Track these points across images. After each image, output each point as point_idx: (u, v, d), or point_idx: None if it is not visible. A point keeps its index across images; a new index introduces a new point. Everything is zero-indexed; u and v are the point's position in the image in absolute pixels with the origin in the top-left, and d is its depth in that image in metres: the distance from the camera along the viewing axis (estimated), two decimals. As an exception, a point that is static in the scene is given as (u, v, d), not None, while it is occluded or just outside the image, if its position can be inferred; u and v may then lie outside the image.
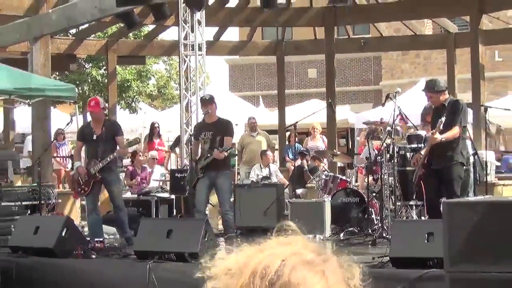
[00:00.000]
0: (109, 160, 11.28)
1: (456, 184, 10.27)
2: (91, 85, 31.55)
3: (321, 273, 1.51)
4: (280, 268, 1.48)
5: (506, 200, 7.81)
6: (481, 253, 6.36)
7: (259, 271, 1.49)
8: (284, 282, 1.46)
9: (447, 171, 10.30)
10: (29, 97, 13.45)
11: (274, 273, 1.48)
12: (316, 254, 1.55)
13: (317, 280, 1.49)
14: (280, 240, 1.58)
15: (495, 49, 30.69)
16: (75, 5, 14.17)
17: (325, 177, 13.89)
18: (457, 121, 10.25)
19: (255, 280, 1.48)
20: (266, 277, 1.47)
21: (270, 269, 1.48)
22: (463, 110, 10.43)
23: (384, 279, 8.22)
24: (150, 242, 9.47)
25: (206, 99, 11.97)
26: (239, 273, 1.51)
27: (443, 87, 10.66)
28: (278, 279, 1.46)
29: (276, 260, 1.50)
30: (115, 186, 11.61)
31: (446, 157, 10.26)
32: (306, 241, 1.59)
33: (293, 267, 1.49)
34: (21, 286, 9.51)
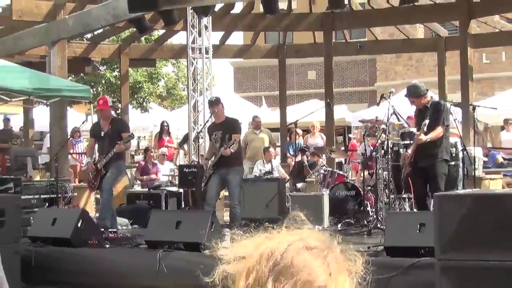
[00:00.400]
0: (110, 156, 11.31)
1: (440, 180, 10.30)
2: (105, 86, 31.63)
3: (323, 258, 1.51)
4: (285, 252, 1.49)
5: (493, 193, 7.80)
6: (470, 242, 6.36)
7: (265, 254, 1.50)
8: (287, 264, 1.47)
9: (432, 169, 10.35)
10: (47, 98, 13.46)
11: (278, 256, 1.48)
12: (321, 242, 1.55)
13: (318, 265, 1.49)
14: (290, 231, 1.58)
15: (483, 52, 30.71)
16: (90, 11, 14.18)
17: (324, 172, 13.89)
18: (440, 121, 10.30)
19: (261, 262, 1.49)
20: (271, 259, 1.48)
21: (275, 253, 1.49)
22: (445, 110, 10.48)
23: (379, 267, 8.21)
24: (160, 233, 9.47)
25: (212, 100, 12.05)
26: (248, 257, 1.52)
27: (424, 91, 10.71)
28: (281, 261, 1.47)
29: (282, 245, 1.51)
30: (110, 171, 11.52)
31: (431, 155, 10.32)
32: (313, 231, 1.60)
33: (296, 251, 1.49)
34: (39, 274, 9.53)
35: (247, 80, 40.90)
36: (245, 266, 1.51)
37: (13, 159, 13.94)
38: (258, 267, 1.48)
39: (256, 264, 1.49)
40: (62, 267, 9.56)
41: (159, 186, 15.21)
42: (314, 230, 1.61)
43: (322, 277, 1.48)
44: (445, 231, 6.54)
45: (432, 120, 10.22)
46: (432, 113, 10.34)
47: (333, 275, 1.50)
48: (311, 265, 1.48)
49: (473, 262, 6.34)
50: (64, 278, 9.43)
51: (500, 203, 6.44)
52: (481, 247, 6.31)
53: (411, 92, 10.78)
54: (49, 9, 14.66)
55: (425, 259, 7.70)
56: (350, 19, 19.14)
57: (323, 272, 1.49)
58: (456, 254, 6.45)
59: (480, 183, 13.04)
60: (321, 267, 1.50)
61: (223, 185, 11.74)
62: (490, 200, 6.64)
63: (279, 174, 15.50)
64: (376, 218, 11.32)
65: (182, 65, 33.23)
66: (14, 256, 9.17)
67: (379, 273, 7.99)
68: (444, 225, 6.56)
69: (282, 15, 19.11)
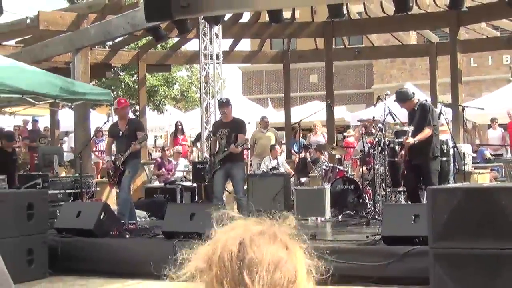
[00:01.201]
0: (127, 154, 11.31)
1: (433, 176, 10.28)
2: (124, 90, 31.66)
3: (274, 237, 1.49)
4: (241, 246, 1.45)
5: (481, 186, 7.79)
6: (460, 231, 6.35)
7: (225, 256, 1.45)
8: (250, 256, 1.44)
9: (425, 165, 10.35)
10: (71, 101, 13.47)
11: (238, 251, 1.45)
12: (262, 225, 1.53)
13: (275, 245, 1.47)
14: (225, 228, 1.55)
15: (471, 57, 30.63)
16: (111, 21, 14.18)
17: (325, 168, 13.88)
18: (427, 122, 10.30)
19: (225, 265, 1.44)
20: (233, 258, 1.44)
21: (233, 252, 1.44)
22: (431, 111, 10.47)
23: (377, 254, 8.21)
24: (176, 224, 9.47)
25: (223, 101, 11.98)
26: (208, 266, 1.48)
27: (410, 96, 10.77)
28: (244, 255, 1.44)
29: (235, 241, 1.47)
30: (127, 170, 11.50)
31: (423, 154, 10.31)
32: (244, 220, 1.57)
33: (251, 240, 1.46)
34: (65, 262, 9.53)
35: (255, 84, 40.86)
36: (212, 277, 1.46)
37: (41, 157, 13.96)
38: (226, 270, 1.43)
39: (222, 269, 1.44)
40: (86, 256, 9.57)
41: (175, 181, 15.23)
42: (243, 219, 1.58)
43: (284, 252, 1.47)
44: (437, 222, 6.54)
45: (420, 122, 10.33)
46: (419, 115, 10.40)
47: (289, 247, 1.49)
48: (270, 246, 1.46)
49: (463, 250, 6.34)
50: (88, 266, 9.44)
51: (488, 196, 6.43)
52: (471, 236, 6.30)
53: (399, 97, 10.85)
54: (73, 19, 14.69)
55: (419, 247, 7.69)
56: (349, 27, 19.13)
57: (282, 249, 1.47)
58: (447, 242, 6.45)
59: (469, 178, 13.03)
60: (277, 245, 1.47)
61: (227, 179, 11.68)
62: (478, 193, 6.63)
63: (284, 169, 15.48)
64: (374, 210, 11.31)
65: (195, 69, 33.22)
66: (42, 246, 9.20)
67: (377, 260, 8.00)
68: (436, 216, 6.55)
69: (286, 24, 19.08)
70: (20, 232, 8.84)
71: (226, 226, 1.56)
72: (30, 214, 9.04)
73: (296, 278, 1.46)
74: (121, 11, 14.80)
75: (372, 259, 8.08)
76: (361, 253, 8.32)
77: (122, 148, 11.55)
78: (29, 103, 12.99)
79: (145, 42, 21.81)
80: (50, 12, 15.25)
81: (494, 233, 6.21)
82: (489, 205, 6.30)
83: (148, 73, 23.67)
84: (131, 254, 9.37)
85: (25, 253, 8.89)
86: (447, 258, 6.43)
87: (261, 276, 1.42)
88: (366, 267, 7.95)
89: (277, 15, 14.92)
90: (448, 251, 6.43)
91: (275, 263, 1.44)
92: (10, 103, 14.26)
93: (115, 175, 11.56)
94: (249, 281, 1.42)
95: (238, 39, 20.26)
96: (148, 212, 13.03)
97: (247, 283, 1.42)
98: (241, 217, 1.59)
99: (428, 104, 10.79)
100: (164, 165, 16.48)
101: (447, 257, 6.44)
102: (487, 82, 31.61)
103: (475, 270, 6.27)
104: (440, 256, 6.48)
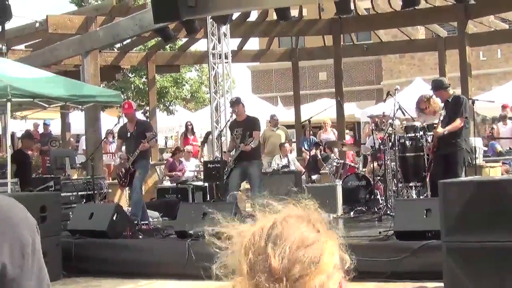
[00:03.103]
0: (136, 154, 11.36)
1: (460, 168, 10.23)
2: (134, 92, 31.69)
3: (308, 221, 1.55)
4: (273, 224, 1.52)
5: (493, 179, 7.76)
6: (472, 225, 6.33)
7: (257, 231, 1.52)
8: (279, 232, 1.50)
9: (453, 156, 10.29)
10: (82, 103, 13.50)
11: (269, 228, 1.51)
12: (299, 210, 1.59)
13: (305, 226, 1.52)
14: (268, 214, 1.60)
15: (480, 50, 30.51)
16: (119, 23, 14.22)
17: (336, 164, 13.86)
18: (459, 113, 10.27)
19: (255, 238, 1.50)
20: (263, 233, 1.50)
21: (265, 227, 1.51)
22: (464, 103, 10.43)
23: (390, 250, 8.20)
24: (188, 223, 9.48)
25: (233, 100, 12.11)
26: (241, 240, 1.53)
27: (446, 85, 10.75)
28: (273, 231, 1.50)
29: (269, 221, 1.54)
30: (138, 171, 11.56)
31: (451, 144, 10.27)
32: (288, 207, 1.61)
33: (283, 220, 1.52)
34: (79, 263, 9.56)
35: (264, 82, 40.86)
36: (241, 247, 1.52)
37: (53, 160, 14.02)
38: (254, 242, 1.50)
39: (251, 241, 1.51)
40: (99, 257, 9.60)
41: (186, 181, 15.24)
42: (288, 206, 1.62)
43: (313, 234, 1.51)
44: (449, 215, 6.52)
45: (452, 113, 10.30)
46: (452, 106, 10.36)
47: (321, 231, 1.54)
48: (300, 227, 1.52)
49: (476, 243, 6.31)
50: (101, 267, 9.47)
51: (500, 189, 6.41)
52: (483, 229, 6.28)
53: (434, 85, 10.85)
54: (81, 22, 14.74)
55: (432, 242, 7.68)
56: (356, 23, 19.10)
57: (312, 230, 1.52)
58: (460, 236, 6.43)
59: (480, 171, 12.97)
60: (309, 227, 1.53)
61: (243, 178, 11.74)
62: (490, 186, 6.61)
63: (295, 167, 15.47)
64: (386, 206, 11.29)
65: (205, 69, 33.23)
66: (56, 248, 9.23)
67: (391, 255, 7.98)
68: (448, 210, 6.54)
69: (294, 22, 19.07)
70: (34, 235, 8.86)
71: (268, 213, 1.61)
72: (43, 216, 9.07)
73: (320, 260, 1.48)
74: (129, 13, 14.83)
75: (385, 255, 8.07)
76: (374, 248, 8.31)
77: (131, 149, 11.61)
78: (40, 106, 13.04)
79: (154, 43, 21.86)
80: (59, 15, 15.30)
81: (507, 226, 6.19)
82: (501, 198, 6.27)
83: (157, 74, 23.70)
84: (145, 254, 9.39)
85: (39, 255, 8.92)
86: (460, 252, 6.41)
87: (284, 250, 1.46)
88: (379, 263, 7.94)
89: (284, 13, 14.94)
90: (460, 245, 6.41)
91: (301, 241, 1.49)
92: (21, 107, 14.31)
93: (125, 176, 11.60)
94: (271, 252, 1.47)
95: (246, 38, 20.26)
96: (160, 213, 13.05)
97: (268, 253, 1.47)
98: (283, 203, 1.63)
99: (462, 97, 10.81)
100: (175, 165, 16.49)
101: (460, 250, 6.41)
102: (497, 75, 31.50)
103: (488, 264, 6.25)
104: (453, 250, 6.46)
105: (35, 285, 1.56)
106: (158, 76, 27.20)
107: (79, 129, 21.03)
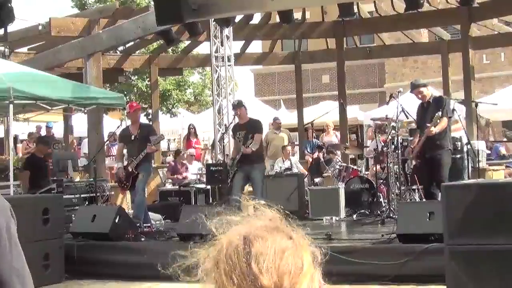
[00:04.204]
0: (141, 157, 11.35)
1: (445, 169, 10.20)
2: (137, 95, 31.70)
3: (276, 229, 1.51)
4: (246, 240, 1.47)
5: (495, 182, 7.76)
6: (475, 228, 6.32)
7: (231, 252, 1.47)
8: (256, 246, 1.46)
9: (439, 157, 10.23)
10: (84, 105, 13.52)
11: (243, 246, 1.46)
12: (262, 220, 1.54)
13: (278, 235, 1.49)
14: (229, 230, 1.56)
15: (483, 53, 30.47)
16: (122, 26, 14.23)
17: (339, 167, 13.85)
18: (444, 113, 10.20)
19: (233, 260, 1.46)
20: (240, 252, 1.46)
21: (239, 246, 1.47)
22: (446, 103, 10.39)
23: (393, 253, 8.18)
24: (190, 226, 9.47)
25: (235, 104, 12.16)
26: (215, 264, 1.50)
27: (423, 83, 10.74)
28: (250, 248, 1.46)
29: (240, 238, 1.49)
30: (141, 174, 11.52)
31: (438, 146, 10.22)
32: (246, 217, 1.58)
33: (254, 235, 1.48)
34: (81, 266, 9.56)
35: (267, 85, 40.85)
36: (221, 273, 1.47)
37: (55, 162, 14.01)
38: (234, 265, 1.45)
39: (230, 265, 1.46)
40: (102, 259, 9.60)
41: (189, 184, 15.25)
42: (245, 216, 1.59)
43: (288, 242, 1.48)
44: (452, 219, 6.52)
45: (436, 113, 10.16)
46: (436, 107, 10.30)
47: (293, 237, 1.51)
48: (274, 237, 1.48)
49: (479, 246, 6.31)
50: (104, 270, 9.47)
51: (503, 192, 6.40)
52: (486, 232, 6.27)
53: (411, 85, 10.83)
54: (84, 25, 14.76)
55: (435, 245, 7.67)
56: (360, 26, 19.10)
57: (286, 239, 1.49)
58: (463, 239, 6.42)
59: (484, 174, 12.96)
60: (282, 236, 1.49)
61: (247, 181, 11.75)
62: (493, 189, 6.60)
63: (298, 170, 15.46)
64: (389, 208, 11.29)
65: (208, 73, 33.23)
66: (58, 250, 9.24)
67: (393, 258, 7.97)
68: (451, 213, 6.53)
69: (297, 24, 19.07)
70: (36, 237, 8.87)
71: (229, 226, 1.57)
72: (46, 219, 9.09)
73: (303, 265, 1.47)
74: (132, 15, 14.84)
75: (388, 258, 8.05)
76: (377, 252, 8.30)
77: (134, 152, 11.57)
78: (42, 108, 13.05)
79: (157, 46, 21.85)
80: (62, 18, 15.33)
81: (510, 229, 6.18)
82: (504, 201, 6.27)
83: (160, 77, 23.71)
84: (147, 257, 9.38)
85: (41, 257, 8.93)
86: (463, 255, 6.40)
87: (269, 265, 1.43)
88: (382, 266, 7.93)
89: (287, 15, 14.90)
90: (463, 248, 6.41)
91: (281, 252, 1.46)
92: (24, 109, 14.32)
93: (127, 179, 11.58)
94: (257, 271, 1.43)
95: (249, 40, 20.25)
96: (162, 215, 13.05)
97: (255, 273, 1.43)
98: (241, 216, 1.60)
99: (444, 97, 10.80)
100: (178, 168, 16.49)
101: (463, 254, 6.41)
102: (500, 78, 31.44)
103: (491, 267, 6.24)
104: (456, 253, 6.45)
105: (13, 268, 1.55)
106: (161, 79, 27.21)
107: (81, 132, 21.04)
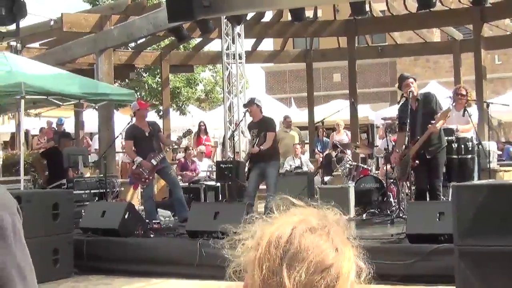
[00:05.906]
0: (167, 151, 11.54)
1: (441, 169, 10.11)
2: (147, 91, 31.71)
3: (327, 236, 1.47)
4: (291, 237, 1.45)
5: (506, 183, 7.71)
6: (486, 228, 6.30)
7: (273, 241, 1.45)
8: (296, 249, 1.43)
9: (437, 157, 10.06)
10: (95, 101, 13.55)
11: (286, 242, 1.44)
12: (320, 220, 1.52)
13: (324, 243, 1.45)
14: (287, 213, 1.55)
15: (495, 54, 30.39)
16: (133, 22, 14.25)
17: (349, 166, 13.83)
18: (437, 109, 10.07)
19: (271, 251, 1.44)
20: (279, 246, 1.43)
21: (282, 239, 1.44)
22: (436, 99, 10.26)
23: (402, 253, 8.17)
24: (200, 223, 9.49)
25: (247, 101, 12.21)
26: (256, 245, 1.48)
27: (407, 76, 10.73)
28: (290, 247, 1.43)
29: (287, 229, 1.46)
30: (171, 169, 11.97)
31: (436, 145, 10.07)
32: (307, 209, 1.56)
33: (301, 234, 1.45)
34: (90, 261, 9.59)
35: (278, 83, 40.85)
36: (255, 257, 1.46)
37: (66, 158, 14.04)
38: (269, 256, 1.43)
39: (266, 254, 1.44)
40: (111, 255, 9.62)
41: (199, 181, 15.26)
42: (308, 207, 1.57)
43: (331, 255, 1.44)
44: (462, 219, 6.49)
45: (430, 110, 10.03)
46: (425, 102, 10.14)
47: (339, 250, 1.47)
48: (319, 245, 1.44)
49: (489, 247, 6.28)
50: (113, 265, 9.49)
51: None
52: (496, 233, 6.25)
53: (403, 77, 10.78)
54: (96, 21, 14.79)
55: (445, 245, 7.64)
56: (372, 25, 19.06)
57: (331, 249, 1.45)
58: (473, 240, 6.40)
59: (494, 175, 12.89)
60: (328, 245, 1.45)
61: (262, 178, 11.74)
62: (504, 190, 6.57)
63: (308, 168, 15.45)
64: (399, 208, 11.25)
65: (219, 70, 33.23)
66: (68, 245, 9.27)
67: (402, 258, 7.96)
68: (461, 213, 6.51)
69: (309, 23, 19.06)
70: (46, 232, 8.91)
71: (287, 211, 1.55)
72: (56, 214, 9.12)
73: (335, 285, 1.43)
74: (143, 12, 14.87)
75: (397, 258, 8.04)
76: (386, 251, 8.27)
77: (149, 148, 11.58)
78: (54, 104, 13.08)
79: (168, 43, 21.90)
80: (74, 14, 15.36)
81: (520, 230, 6.16)
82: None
83: (171, 74, 23.74)
84: (156, 253, 9.41)
85: (51, 252, 8.97)
86: (472, 256, 6.38)
87: (300, 274, 1.41)
88: (391, 266, 7.91)
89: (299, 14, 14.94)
90: (473, 249, 6.38)
91: (318, 265, 1.42)
92: (35, 105, 14.37)
93: (151, 173, 11.59)
94: (286, 274, 1.41)
95: (260, 38, 20.27)
96: (172, 212, 13.06)
97: (283, 275, 1.41)
98: (303, 205, 1.58)
99: (432, 93, 10.69)
100: (187, 165, 16.51)
101: (472, 254, 6.38)
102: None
103: (500, 268, 6.22)
104: (466, 253, 6.43)
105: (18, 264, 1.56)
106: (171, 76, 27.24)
107: (92, 128, 21.09)
